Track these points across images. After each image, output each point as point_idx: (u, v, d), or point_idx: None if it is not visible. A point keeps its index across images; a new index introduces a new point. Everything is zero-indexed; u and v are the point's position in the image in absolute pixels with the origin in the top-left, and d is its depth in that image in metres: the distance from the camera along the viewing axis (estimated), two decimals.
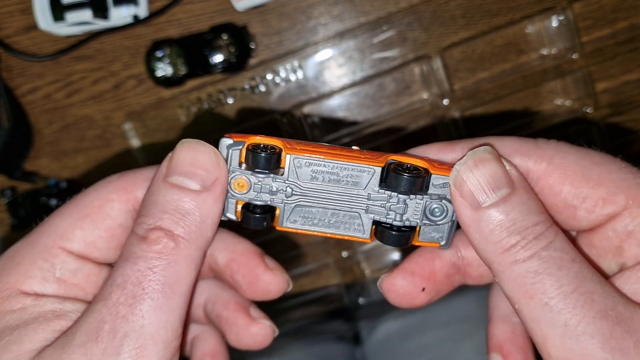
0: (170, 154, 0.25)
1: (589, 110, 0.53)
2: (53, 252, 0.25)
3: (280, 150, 0.25)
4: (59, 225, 0.26)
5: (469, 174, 0.23)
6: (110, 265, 0.27)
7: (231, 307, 0.31)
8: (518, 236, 0.22)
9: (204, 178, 0.24)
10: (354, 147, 0.26)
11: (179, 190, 0.24)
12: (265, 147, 0.25)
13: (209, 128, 0.55)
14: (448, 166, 0.25)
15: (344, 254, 0.57)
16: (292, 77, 0.54)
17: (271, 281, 0.30)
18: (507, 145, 0.25)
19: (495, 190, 0.23)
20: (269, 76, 0.53)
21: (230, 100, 0.54)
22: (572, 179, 0.23)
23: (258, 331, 0.31)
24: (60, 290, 0.25)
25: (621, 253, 0.23)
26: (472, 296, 0.55)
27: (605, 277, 0.23)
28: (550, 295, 0.21)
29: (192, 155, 0.25)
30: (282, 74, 0.53)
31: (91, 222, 0.26)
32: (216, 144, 0.26)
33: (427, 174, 0.25)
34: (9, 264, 0.25)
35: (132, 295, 0.22)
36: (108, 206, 0.26)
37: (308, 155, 0.25)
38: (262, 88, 0.54)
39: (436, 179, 0.25)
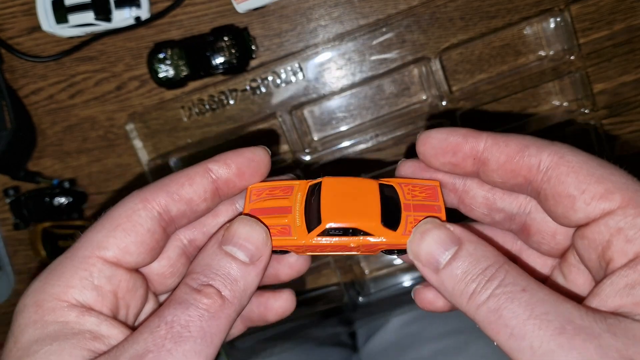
0: (228, 224, 0.29)
1: (586, 111, 0.54)
2: (91, 262, 0.28)
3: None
4: (95, 237, 0.28)
5: (419, 247, 0.28)
6: (138, 271, 0.30)
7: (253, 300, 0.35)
8: (474, 283, 0.26)
9: (252, 253, 0.28)
10: (352, 245, 0.29)
11: (231, 259, 0.28)
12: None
13: (210, 129, 0.56)
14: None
15: None
16: (293, 79, 0.54)
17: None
18: (526, 139, 0.28)
19: (444, 251, 0.27)
20: (270, 77, 0.54)
21: (231, 102, 0.54)
22: (577, 172, 0.26)
23: (283, 302, 0.35)
24: (97, 298, 0.27)
25: (609, 246, 0.25)
26: None
27: (580, 298, 0.25)
28: (511, 326, 0.24)
29: (248, 231, 0.29)
30: (283, 75, 0.54)
31: (122, 230, 0.28)
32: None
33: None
34: (52, 275, 0.27)
35: (178, 334, 0.25)
36: (136, 215, 0.29)
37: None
38: (263, 89, 0.54)
39: None
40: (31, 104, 0.57)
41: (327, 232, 0.29)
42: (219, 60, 0.52)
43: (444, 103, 0.53)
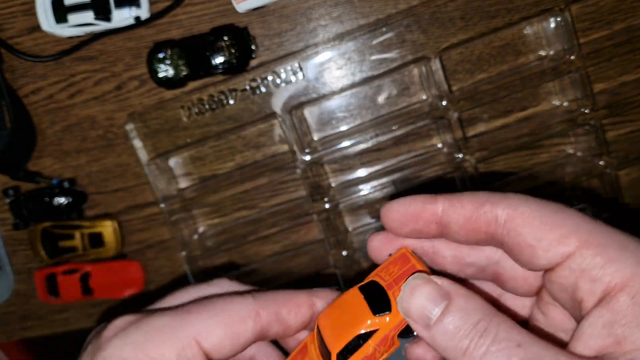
0: None
1: (586, 111, 0.54)
2: (188, 342, 0.30)
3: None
4: (203, 321, 0.30)
5: (410, 303, 0.28)
6: None
7: None
8: (467, 339, 0.26)
9: None
10: (371, 351, 0.30)
11: None
12: None
13: (210, 128, 0.56)
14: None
15: (344, 252, 0.58)
16: (293, 79, 0.54)
17: None
18: (479, 197, 0.29)
19: (434, 307, 0.27)
20: (270, 77, 0.54)
21: (231, 101, 0.55)
22: (531, 223, 0.27)
23: None
24: None
25: (577, 289, 0.26)
26: None
27: (564, 343, 0.26)
28: None
29: None
30: (283, 75, 0.54)
31: (227, 329, 0.30)
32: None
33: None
34: (152, 337, 0.30)
35: None
36: (245, 322, 0.31)
37: None
38: (263, 89, 0.54)
39: None
40: (31, 103, 0.57)
41: (342, 358, 0.29)
42: (219, 60, 0.52)
43: (444, 103, 0.53)
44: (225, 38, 0.52)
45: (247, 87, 0.54)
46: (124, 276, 0.58)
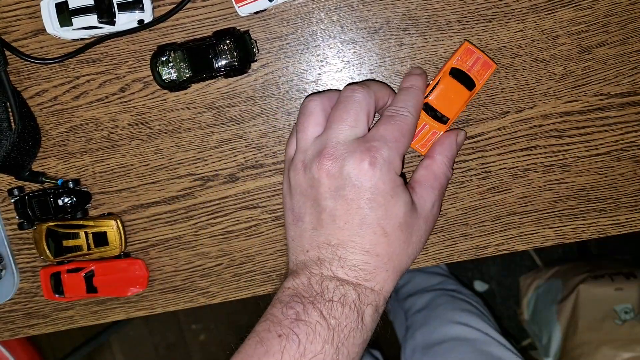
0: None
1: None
2: None
3: None
4: None
5: None
6: None
7: None
8: None
9: None
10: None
11: None
12: None
13: (212, 130, 0.57)
14: None
15: None
16: (293, 81, 0.55)
17: None
18: None
19: None
20: (271, 79, 0.55)
21: (234, 104, 0.55)
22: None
23: None
24: None
25: None
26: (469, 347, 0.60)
27: None
28: None
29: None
30: (283, 78, 0.55)
31: None
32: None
33: None
34: None
35: None
36: None
37: None
38: (264, 91, 0.55)
39: None
40: (36, 105, 0.58)
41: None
42: (221, 62, 0.53)
43: None
44: (227, 41, 0.53)
45: (249, 89, 0.55)
46: (128, 275, 0.59)
